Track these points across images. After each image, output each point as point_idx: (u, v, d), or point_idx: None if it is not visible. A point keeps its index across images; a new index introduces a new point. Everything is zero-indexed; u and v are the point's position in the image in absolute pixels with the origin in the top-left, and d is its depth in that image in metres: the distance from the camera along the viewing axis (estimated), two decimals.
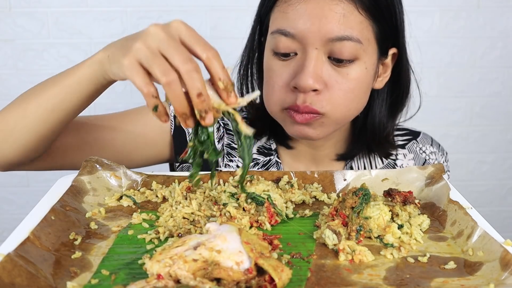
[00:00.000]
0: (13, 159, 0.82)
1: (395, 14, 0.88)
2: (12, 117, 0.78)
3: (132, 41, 0.62)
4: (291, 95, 0.85)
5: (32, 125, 0.77)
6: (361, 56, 0.84)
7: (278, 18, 0.86)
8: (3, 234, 1.94)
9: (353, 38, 0.82)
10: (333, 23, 0.81)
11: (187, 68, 0.58)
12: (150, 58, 0.59)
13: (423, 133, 1.10)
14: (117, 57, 0.64)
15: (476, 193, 2.04)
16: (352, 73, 0.84)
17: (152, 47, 0.60)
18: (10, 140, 0.79)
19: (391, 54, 0.92)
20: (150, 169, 0.91)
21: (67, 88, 0.74)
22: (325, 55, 0.83)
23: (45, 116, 0.77)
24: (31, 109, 0.77)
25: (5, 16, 1.77)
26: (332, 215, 0.68)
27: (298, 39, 0.83)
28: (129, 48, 0.61)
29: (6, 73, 1.82)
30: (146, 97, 0.60)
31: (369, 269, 0.58)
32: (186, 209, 0.70)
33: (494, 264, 0.56)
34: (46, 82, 0.79)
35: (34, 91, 0.79)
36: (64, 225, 0.65)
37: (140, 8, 1.80)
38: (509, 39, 1.89)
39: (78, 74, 0.73)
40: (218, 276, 0.52)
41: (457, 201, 0.70)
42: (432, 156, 1.07)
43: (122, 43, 0.66)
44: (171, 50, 0.59)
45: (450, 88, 1.93)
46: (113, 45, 0.69)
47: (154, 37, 0.60)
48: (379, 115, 0.97)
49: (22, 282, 0.51)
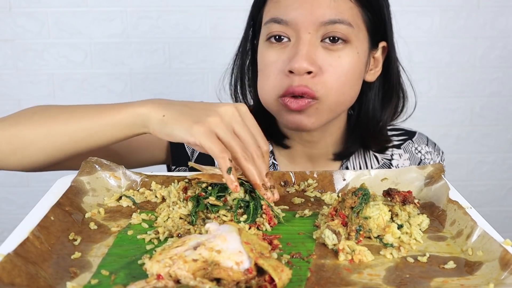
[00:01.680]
0: (15, 169, 0.82)
1: (382, 6, 0.91)
2: (30, 135, 0.78)
3: (201, 111, 0.70)
4: (286, 80, 0.87)
5: (50, 149, 0.78)
6: (353, 40, 0.87)
7: (271, 9, 0.89)
8: (3, 234, 1.94)
9: (344, 21, 0.85)
10: (324, 7, 0.84)
11: (259, 153, 0.70)
12: (230, 136, 0.68)
13: (419, 133, 1.10)
14: (182, 121, 0.69)
15: (476, 193, 2.04)
16: (345, 57, 0.87)
17: (229, 125, 0.69)
18: (19, 155, 0.79)
19: (381, 47, 0.95)
20: (150, 169, 0.91)
21: (99, 126, 0.76)
22: (318, 39, 0.86)
23: (66, 145, 0.78)
24: (54, 135, 0.77)
25: (5, 16, 1.77)
26: (331, 215, 0.68)
27: (291, 25, 0.86)
28: (201, 118, 0.68)
29: (6, 73, 1.83)
30: (223, 161, 0.65)
31: (369, 269, 0.58)
32: (182, 210, 0.70)
33: (493, 264, 0.56)
34: (75, 111, 0.79)
35: (57, 114, 0.79)
36: (63, 226, 0.65)
37: (140, 8, 1.80)
38: (509, 39, 1.89)
39: (116, 117, 0.75)
40: (218, 276, 0.52)
41: (457, 201, 0.70)
42: (427, 156, 1.07)
43: (183, 110, 0.71)
44: (245, 133, 0.70)
45: (450, 88, 1.93)
46: (165, 105, 0.73)
47: (231, 116, 0.70)
48: (372, 109, 0.99)
49: (22, 282, 0.51)
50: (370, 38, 0.91)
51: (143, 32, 1.82)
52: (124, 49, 1.83)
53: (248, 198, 0.70)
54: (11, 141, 0.78)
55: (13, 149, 0.78)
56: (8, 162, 0.80)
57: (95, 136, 0.77)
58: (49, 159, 0.80)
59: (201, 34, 1.83)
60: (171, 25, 1.82)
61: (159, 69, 1.85)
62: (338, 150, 1.02)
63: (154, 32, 1.82)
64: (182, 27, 1.82)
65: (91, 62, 1.84)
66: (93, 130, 0.76)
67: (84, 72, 1.85)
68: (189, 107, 0.72)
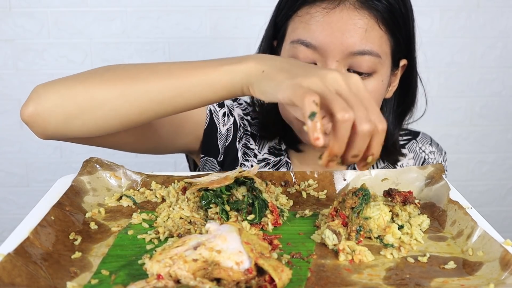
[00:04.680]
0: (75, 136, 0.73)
1: (410, 26, 0.90)
2: (102, 93, 0.67)
3: (303, 70, 0.60)
4: None
5: (126, 111, 0.68)
6: (379, 69, 0.86)
7: (299, 28, 0.86)
8: (3, 234, 1.94)
9: (373, 52, 0.83)
10: (356, 37, 0.82)
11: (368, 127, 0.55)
12: (329, 93, 0.56)
13: (423, 133, 1.11)
14: (277, 77, 0.60)
15: (476, 193, 2.04)
16: (369, 86, 0.86)
17: (330, 87, 0.57)
18: (86, 118, 0.69)
19: (402, 65, 0.94)
20: (150, 169, 0.91)
21: (190, 86, 0.66)
22: (345, 68, 0.85)
23: (148, 106, 0.68)
24: (133, 94, 0.67)
25: (5, 16, 1.77)
26: (332, 215, 0.68)
27: (319, 50, 0.84)
28: (299, 76, 0.58)
29: (6, 73, 1.82)
30: (307, 102, 0.54)
31: (369, 269, 0.58)
32: (183, 210, 0.70)
33: (494, 264, 0.56)
34: (159, 68, 0.69)
35: (138, 73, 0.69)
36: (64, 225, 0.65)
37: (140, 8, 1.80)
38: (509, 39, 1.89)
39: (211, 76, 0.66)
40: (218, 276, 0.52)
41: (457, 201, 0.70)
42: (431, 156, 1.08)
43: (283, 67, 0.62)
44: (353, 99, 0.56)
45: (450, 88, 1.93)
46: (267, 61, 0.64)
47: (334, 81, 0.57)
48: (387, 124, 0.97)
49: (22, 282, 0.51)
50: (393, 60, 0.90)
51: (143, 32, 1.82)
52: (124, 49, 1.83)
53: (250, 196, 0.70)
54: (77, 101, 0.68)
55: (81, 110, 0.68)
56: (70, 127, 0.70)
57: (183, 97, 0.67)
58: (124, 123, 0.70)
59: (201, 34, 1.83)
60: (171, 25, 1.82)
61: None
62: None
63: (154, 32, 1.82)
64: (182, 27, 1.82)
65: (91, 62, 1.84)
66: (182, 90, 0.67)
67: None
68: (291, 64, 0.63)
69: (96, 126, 0.70)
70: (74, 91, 0.68)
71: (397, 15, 0.86)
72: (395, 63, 0.91)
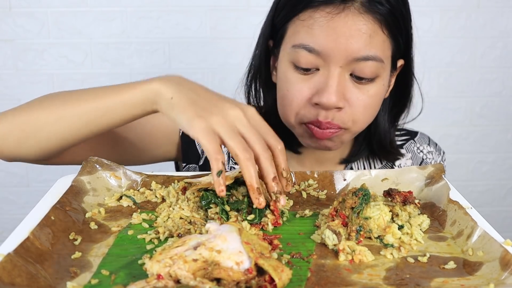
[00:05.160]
0: (28, 158, 0.82)
1: (409, 28, 0.90)
2: (40, 120, 0.77)
3: (207, 105, 0.67)
4: (312, 110, 0.86)
5: (61, 133, 0.77)
6: (381, 74, 0.86)
7: (301, 32, 0.85)
8: (3, 234, 1.94)
9: (377, 58, 0.83)
10: (360, 43, 0.81)
11: (267, 155, 0.65)
12: (232, 135, 0.64)
13: (421, 133, 1.10)
14: (186, 110, 0.67)
15: (476, 193, 2.04)
16: (372, 90, 0.86)
17: (232, 125, 0.66)
18: (31, 142, 0.78)
19: (399, 66, 0.94)
20: (150, 169, 0.91)
21: (109, 106, 0.74)
22: (348, 73, 0.84)
23: (78, 127, 0.76)
24: (65, 118, 0.76)
25: (5, 16, 1.77)
26: (332, 215, 0.68)
27: (322, 56, 0.83)
28: (205, 112, 0.66)
29: (6, 73, 1.83)
30: (215, 162, 0.63)
31: (369, 269, 0.58)
32: (183, 210, 0.70)
33: (494, 264, 0.56)
34: (83, 93, 0.78)
35: (68, 98, 0.78)
36: (64, 225, 0.65)
37: (140, 8, 1.80)
38: (509, 39, 1.89)
39: (125, 96, 0.73)
40: (218, 276, 0.52)
41: (457, 201, 0.70)
42: (429, 156, 1.07)
43: (191, 97, 0.69)
44: (251, 135, 0.66)
45: (450, 88, 1.93)
46: (176, 87, 0.70)
47: (235, 118, 0.66)
48: (383, 123, 0.98)
49: (22, 282, 0.51)
50: (392, 62, 0.90)
51: (143, 32, 1.82)
52: (124, 49, 1.83)
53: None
54: (23, 127, 0.78)
55: (26, 135, 0.78)
56: (20, 150, 0.79)
57: (106, 117, 0.75)
58: (60, 145, 0.79)
59: (201, 34, 1.83)
60: (171, 25, 1.82)
61: (159, 69, 1.85)
62: (346, 155, 1.03)
63: (154, 32, 1.82)
64: (182, 27, 1.82)
65: (91, 62, 1.84)
66: (104, 110, 0.75)
67: (84, 72, 1.84)
68: (199, 95, 0.69)
69: (41, 148, 0.79)
70: (20, 119, 0.78)
71: (398, 18, 0.85)
72: (393, 65, 0.91)
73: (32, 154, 0.80)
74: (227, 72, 1.83)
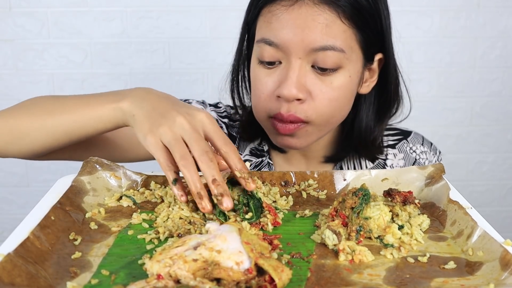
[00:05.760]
0: (17, 157, 0.86)
1: (380, 20, 0.88)
2: (26, 125, 0.81)
3: (159, 117, 0.70)
4: (276, 103, 0.87)
5: (44, 140, 0.81)
6: (345, 64, 0.85)
7: (262, 27, 0.87)
8: (3, 234, 1.94)
9: (336, 47, 0.83)
10: (316, 33, 0.82)
11: (204, 158, 0.66)
12: (173, 143, 0.67)
13: (414, 133, 1.10)
14: (142, 126, 0.71)
15: (476, 193, 2.04)
16: (336, 82, 0.85)
17: (176, 133, 0.68)
18: (20, 143, 0.83)
19: (377, 59, 0.93)
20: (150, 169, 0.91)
21: (86, 119, 0.79)
22: (309, 64, 0.84)
23: (57, 137, 0.81)
24: (47, 126, 0.80)
25: (5, 16, 1.77)
26: (332, 215, 0.68)
27: (281, 48, 0.84)
28: (154, 126, 0.70)
29: (6, 73, 1.83)
30: (168, 173, 0.68)
31: (369, 269, 0.58)
32: (182, 211, 0.70)
33: (494, 264, 0.56)
34: (67, 103, 0.81)
35: (50, 106, 0.82)
36: (64, 225, 0.65)
37: (140, 8, 1.80)
38: (509, 39, 1.89)
39: (99, 112, 0.77)
40: (218, 276, 0.52)
41: (457, 201, 0.70)
42: (422, 156, 1.07)
43: (147, 112, 0.72)
44: (192, 141, 0.68)
45: (450, 88, 1.93)
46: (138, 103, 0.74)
47: (179, 126, 0.69)
48: (366, 119, 0.97)
49: (22, 282, 0.51)
50: (365, 55, 0.89)
51: (143, 32, 1.82)
52: (124, 49, 1.83)
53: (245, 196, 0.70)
54: (11, 131, 0.82)
55: (13, 138, 0.82)
56: (9, 150, 0.84)
57: (83, 129, 0.79)
58: (45, 149, 0.83)
59: (201, 34, 1.83)
60: (171, 25, 1.82)
61: (159, 69, 1.85)
62: (330, 153, 1.02)
63: (154, 32, 1.82)
64: (182, 27, 1.82)
65: (91, 62, 1.84)
66: (81, 123, 0.79)
67: (84, 72, 1.85)
68: (155, 108, 0.72)
69: (27, 151, 0.84)
70: (7, 123, 0.82)
71: (362, 9, 0.84)
72: (368, 57, 0.90)
73: (20, 155, 0.85)
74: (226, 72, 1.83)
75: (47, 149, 0.83)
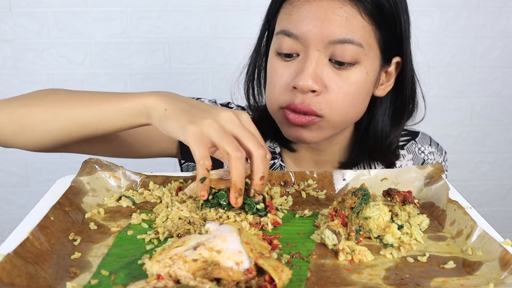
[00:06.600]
0: (24, 148, 0.83)
1: (399, 22, 0.88)
2: (39, 115, 0.79)
3: (200, 112, 0.68)
4: (290, 94, 0.86)
5: (56, 132, 0.79)
6: (362, 60, 0.85)
7: (283, 19, 0.87)
8: (3, 234, 1.94)
9: (355, 41, 0.83)
10: (336, 26, 0.82)
11: (260, 153, 0.66)
12: (222, 135, 0.65)
13: (422, 133, 1.09)
14: (179, 118, 0.68)
15: (476, 193, 2.04)
16: (352, 77, 0.85)
17: (224, 127, 0.67)
18: (27, 135, 0.80)
19: (395, 62, 0.93)
20: (150, 169, 0.91)
21: (105, 113, 0.76)
22: (326, 57, 0.84)
23: (73, 129, 0.78)
24: (62, 118, 0.78)
25: (5, 16, 1.77)
26: (331, 215, 0.68)
27: (300, 40, 0.84)
28: (196, 118, 0.67)
29: (6, 73, 1.83)
30: (201, 168, 0.65)
31: (369, 269, 0.58)
32: (182, 211, 0.70)
33: (493, 264, 0.56)
34: (83, 96, 0.79)
35: (67, 98, 0.79)
36: (63, 226, 0.65)
37: (140, 8, 1.80)
38: (509, 39, 1.89)
39: (121, 106, 0.75)
40: (218, 276, 0.52)
41: (456, 201, 0.70)
42: (430, 156, 1.06)
43: (184, 107, 0.70)
44: (246, 135, 0.67)
45: (450, 88, 1.93)
46: (170, 100, 0.72)
47: (228, 119, 0.67)
48: (382, 124, 0.97)
49: (21, 282, 0.51)
50: (382, 55, 0.89)
51: (143, 32, 1.82)
52: (124, 49, 1.83)
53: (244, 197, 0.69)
54: (20, 120, 0.79)
55: (21, 128, 0.79)
56: (17, 141, 0.81)
57: (100, 123, 0.76)
58: (55, 142, 0.80)
59: (201, 34, 1.83)
60: (171, 25, 1.82)
61: (159, 69, 1.85)
62: (344, 159, 1.02)
63: (154, 32, 1.82)
64: (182, 27, 1.82)
65: (91, 62, 1.84)
66: (99, 116, 0.76)
67: (84, 72, 1.85)
68: (191, 105, 0.71)
69: (36, 142, 0.81)
70: (18, 111, 0.79)
71: (382, 8, 0.84)
72: (386, 59, 0.90)
73: (28, 146, 0.82)
74: (227, 72, 1.83)
75: (57, 142, 0.80)
